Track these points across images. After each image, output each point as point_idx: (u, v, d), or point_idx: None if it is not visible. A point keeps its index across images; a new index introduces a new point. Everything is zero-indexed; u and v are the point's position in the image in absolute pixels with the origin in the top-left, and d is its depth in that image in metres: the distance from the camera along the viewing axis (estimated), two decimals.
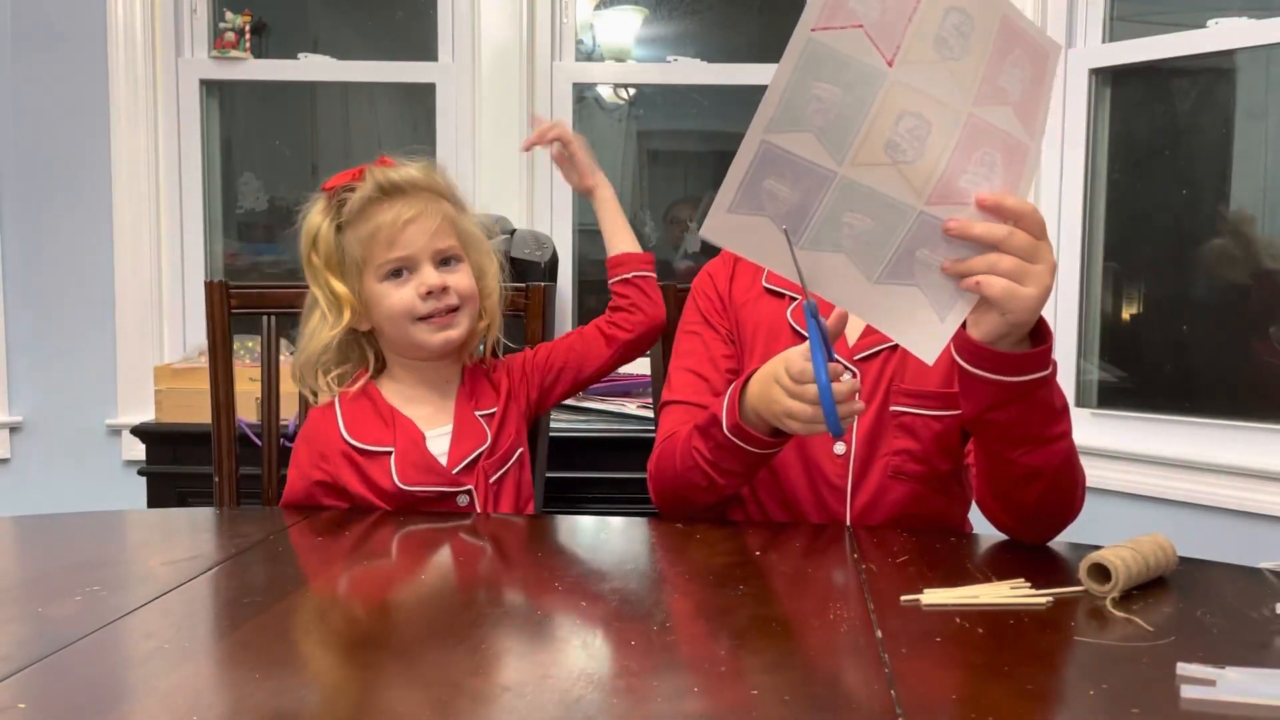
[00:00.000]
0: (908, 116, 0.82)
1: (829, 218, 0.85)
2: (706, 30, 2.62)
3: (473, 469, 1.22)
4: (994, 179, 0.84)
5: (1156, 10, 2.15)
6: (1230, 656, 0.70)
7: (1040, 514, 1.01)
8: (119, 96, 2.28)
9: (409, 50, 2.42)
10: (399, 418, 1.23)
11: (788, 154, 0.83)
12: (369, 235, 1.20)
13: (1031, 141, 0.85)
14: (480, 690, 0.65)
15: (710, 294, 1.25)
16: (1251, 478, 1.84)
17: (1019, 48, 0.83)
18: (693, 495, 1.12)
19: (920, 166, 0.83)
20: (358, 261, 1.21)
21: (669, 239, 2.69)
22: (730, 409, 1.05)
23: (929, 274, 0.86)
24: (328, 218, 1.22)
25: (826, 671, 0.71)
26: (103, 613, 0.79)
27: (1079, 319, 2.12)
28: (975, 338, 0.88)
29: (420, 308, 1.20)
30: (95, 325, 2.32)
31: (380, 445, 1.21)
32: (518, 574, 0.98)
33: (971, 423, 0.97)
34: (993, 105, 0.83)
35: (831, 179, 0.83)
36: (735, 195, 0.84)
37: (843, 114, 0.81)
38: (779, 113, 0.82)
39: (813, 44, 0.80)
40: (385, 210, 1.20)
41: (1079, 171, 2.09)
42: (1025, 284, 0.84)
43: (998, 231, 0.84)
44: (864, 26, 0.80)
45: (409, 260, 1.20)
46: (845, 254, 0.86)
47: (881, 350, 1.16)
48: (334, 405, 1.24)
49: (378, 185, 1.21)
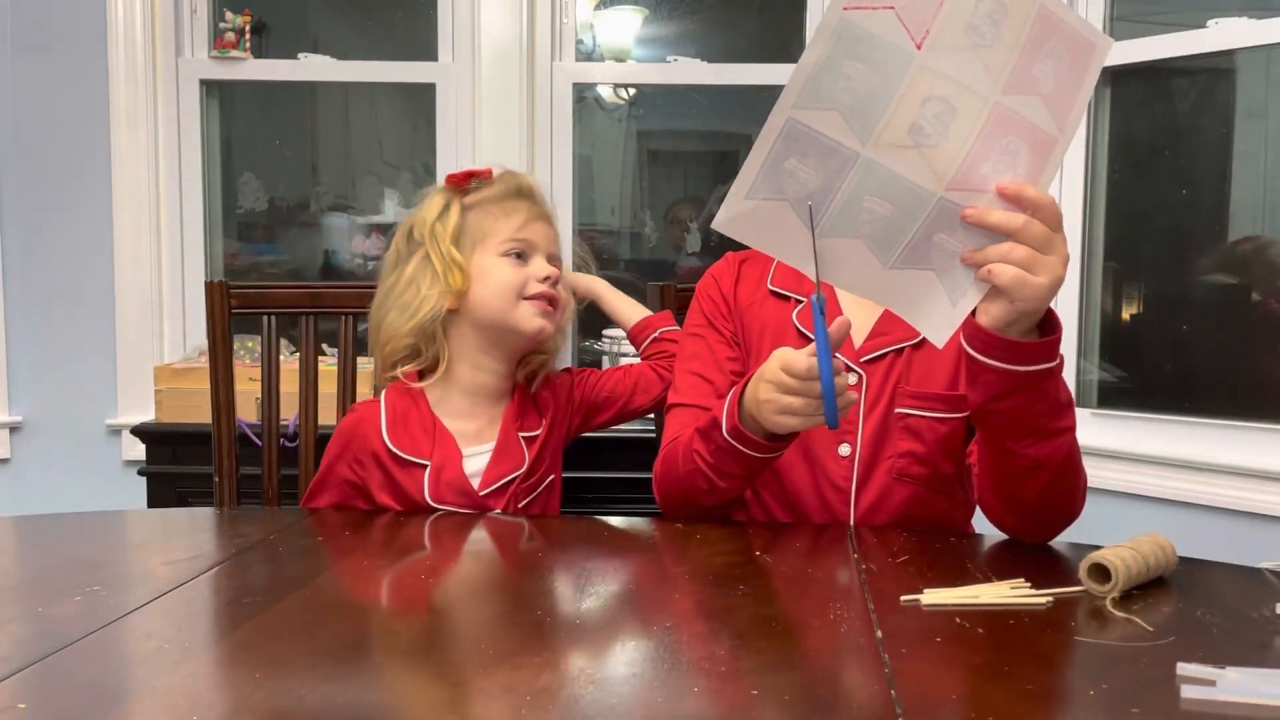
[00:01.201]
0: (933, 100, 0.82)
1: (849, 203, 0.85)
2: (706, 30, 2.62)
3: (504, 492, 1.22)
4: (1017, 168, 0.84)
5: (1156, 10, 2.15)
6: (1230, 656, 0.70)
7: (1041, 511, 1.01)
8: (119, 96, 2.28)
9: (409, 50, 2.42)
10: (440, 429, 1.23)
11: (813, 132, 0.83)
12: (501, 213, 1.25)
13: (1061, 134, 0.85)
14: (480, 690, 0.65)
15: (715, 297, 1.25)
16: (1251, 478, 1.83)
17: (1056, 39, 0.83)
18: (696, 498, 1.12)
19: (943, 151, 0.83)
20: (476, 237, 1.24)
21: (669, 239, 2.69)
22: (730, 412, 1.05)
23: (945, 259, 0.87)
24: (451, 199, 1.26)
25: (826, 671, 0.71)
26: (103, 613, 0.79)
27: (1079, 319, 2.12)
28: (984, 324, 0.89)
29: (533, 285, 1.23)
30: (95, 325, 2.32)
31: (418, 456, 1.21)
32: (518, 574, 0.98)
33: (977, 412, 0.97)
34: (1022, 95, 0.83)
35: (854, 160, 0.83)
36: (757, 176, 0.84)
37: (870, 94, 0.82)
38: (807, 89, 0.82)
39: (845, 22, 0.80)
40: (519, 203, 1.26)
41: (1079, 171, 2.09)
42: (1037, 273, 0.85)
43: (1014, 220, 0.84)
44: (895, 9, 0.80)
45: (533, 246, 1.25)
46: (862, 240, 0.86)
47: (887, 353, 1.16)
48: (379, 404, 1.24)
49: (516, 184, 1.28)
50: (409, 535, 1.08)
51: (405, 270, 1.25)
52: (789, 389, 0.95)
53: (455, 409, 1.25)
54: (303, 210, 2.60)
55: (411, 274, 1.24)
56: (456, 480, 1.20)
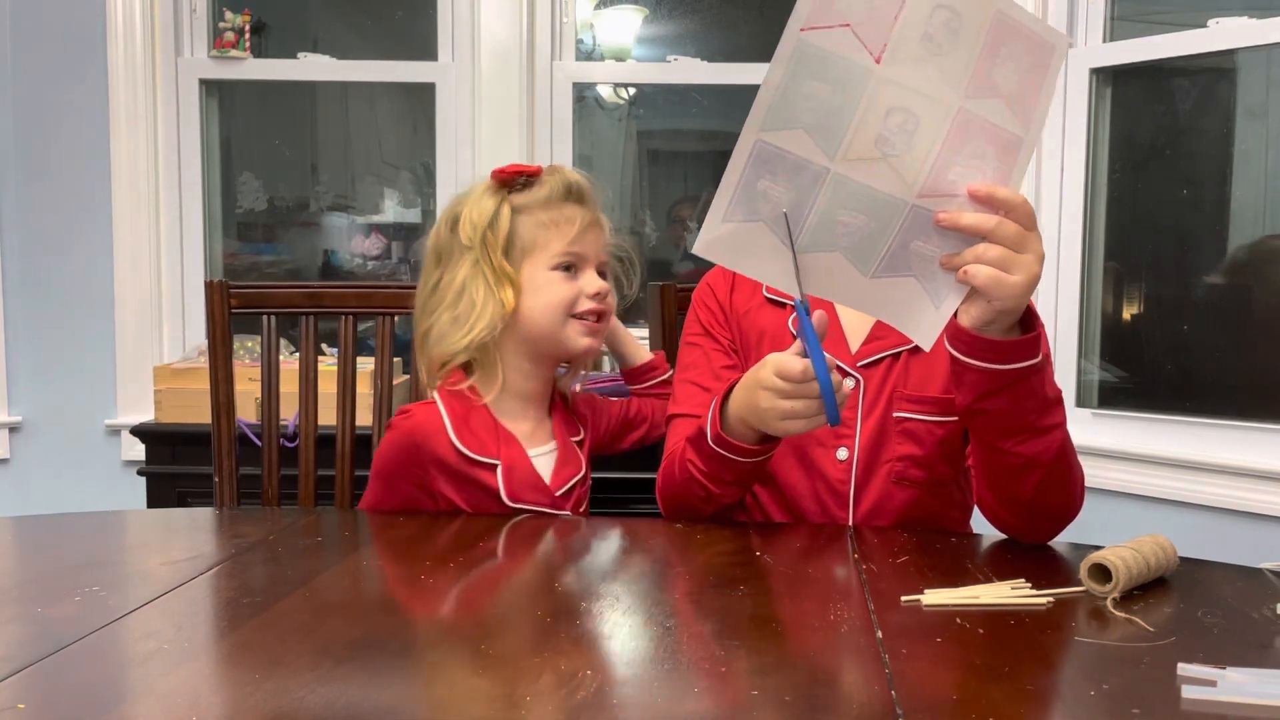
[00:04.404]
0: (896, 112, 0.84)
1: (824, 217, 0.87)
2: (706, 30, 2.62)
3: (570, 495, 1.22)
4: (986, 170, 0.86)
5: (1156, 10, 2.15)
6: (1231, 657, 0.70)
7: (1038, 509, 1.02)
8: (119, 96, 2.28)
9: (409, 50, 2.42)
10: (502, 430, 1.21)
11: (781, 151, 0.85)
12: (551, 223, 1.20)
13: (1026, 134, 0.87)
14: (480, 690, 0.65)
15: (711, 305, 1.26)
16: (1251, 478, 1.83)
17: (1014, 41, 0.84)
18: (695, 507, 1.13)
19: (910, 160, 0.85)
20: (526, 246, 1.20)
21: (670, 239, 2.69)
22: (713, 420, 1.05)
23: (924, 264, 0.89)
24: (501, 201, 1.21)
25: (826, 671, 0.71)
26: (103, 613, 0.79)
27: (1079, 319, 2.11)
28: (964, 325, 0.90)
29: (584, 303, 1.21)
30: (95, 325, 2.32)
31: (487, 456, 1.18)
32: (518, 574, 0.98)
33: (965, 413, 0.98)
34: (985, 99, 0.85)
35: (824, 175, 0.85)
36: (731, 200, 0.87)
37: (833, 110, 0.84)
38: (771, 111, 0.84)
39: (802, 44, 0.82)
40: (571, 208, 1.22)
41: (1079, 171, 2.09)
42: (1012, 272, 0.86)
43: (987, 221, 0.86)
44: (851, 25, 0.82)
45: (584, 259, 1.22)
46: (841, 252, 0.88)
47: (885, 357, 1.16)
48: (435, 406, 1.20)
49: (567, 184, 1.22)
50: (409, 535, 1.08)
51: (455, 275, 1.20)
52: (787, 394, 0.95)
53: (509, 410, 1.23)
54: (302, 210, 2.60)
55: (462, 282, 1.19)
56: (532, 478, 1.19)
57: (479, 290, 1.19)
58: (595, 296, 1.21)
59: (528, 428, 1.24)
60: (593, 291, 1.21)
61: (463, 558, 1.02)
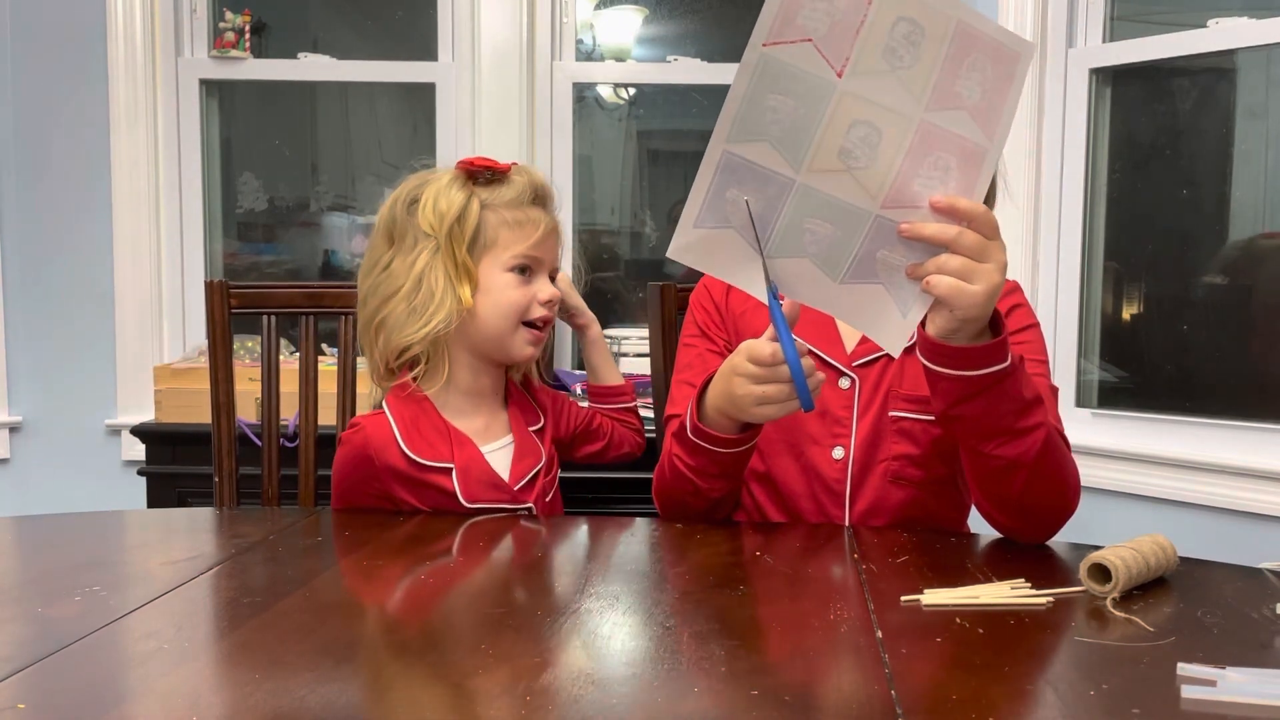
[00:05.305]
0: (859, 124, 0.85)
1: (791, 224, 0.89)
2: (706, 30, 2.62)
3: (532, 486, 1.22)
4: (949, 182, 0.88)
5: (1156, 10, 2.15)
6: (1231, 657, 0.70)
7: (1029, 509, 1.02)
8: (119, 96, 2.28)
9: (409, 50, 2.42)
10: (454, 431, 1.20)
11: (748, 162, 0.87)
12: (515, 223, 1.20)
13: (990, 144, 0.88)
14: (479, 690, 0.65)
15: (707, 306, 1.26)
16: (1251, 478, 1.83)
17: (978, 51, 0.85)
18: (686, 503, 1.13)
19: (874, 172, 0.86)
20: (486, 243, 1.19)
21: (670, 239, 2.69)
22: (693, 412, 1.06)
23: (890, 274, 0.90)
24: (470, 195, 1.19)
25: (826, 671, 0.71)
26: (103, 613, 0.79)
27: (1079, 319, 2.12)
28: (929, 334, 0.92)
29: (536, 311, 1.21)
30: (95, 325, 2.32)
31: (439, 461, 1.18)
32: (518, 574, 0.98)
33: (942, 418, 1.00)
34: (947, 110, 0.86)
35: (791, 186, 0.87)
36: (701, 207, 0.89)
37: (797, 124, 0.85)
38: (737, 123, 0.86)
39: (765, 58, 0.84)
40: (536, 211, 1.22)
41: (1079, 171, 2.09)
42: (973, 282, 0.87)
43: (948, 232, 0.87)
44: (813, 40, 0.84)
45: (540, 264, 1.22)
46: (809, 259, 0.90)
47: (880, 357, 1.16)
48: (383, 416, 1.18)
49: (534, 186, 1.23)
50: (409, 535, 1.08)
51: (412, 261, 1.17)
52: (759, 378, 0.96)
53: (459, 408, 1.23)
54: (302, 210, 2.60)
55: (421, 270, 1.17)
56: (488, 476, 1.19)
57: (438, 282, 1.17)
58: (548, 304, 1.22)
59: (480, 423, 1.24)
60: (545, 298, 1.22)
61: (461, 558, 1.02)
